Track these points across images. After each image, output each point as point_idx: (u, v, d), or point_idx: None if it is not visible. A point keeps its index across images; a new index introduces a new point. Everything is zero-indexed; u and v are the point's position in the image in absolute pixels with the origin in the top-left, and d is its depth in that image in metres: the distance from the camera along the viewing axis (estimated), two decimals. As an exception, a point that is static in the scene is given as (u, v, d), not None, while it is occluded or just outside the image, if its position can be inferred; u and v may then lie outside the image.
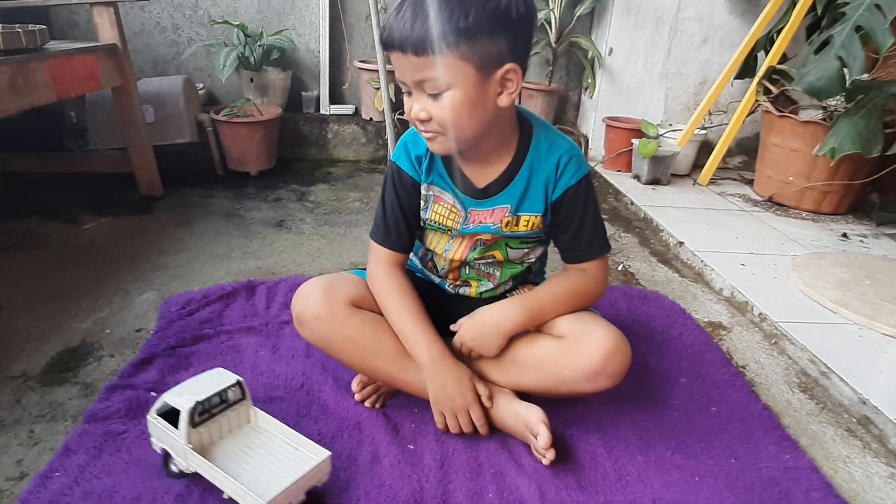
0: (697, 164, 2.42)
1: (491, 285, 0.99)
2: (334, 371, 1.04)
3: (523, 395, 0.92)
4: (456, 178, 0.92)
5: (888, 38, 1.64)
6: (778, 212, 2.05)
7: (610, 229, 1.89)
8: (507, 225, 0.92)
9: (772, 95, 2.11)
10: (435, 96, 0.79)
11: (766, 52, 2.18)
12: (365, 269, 0.98)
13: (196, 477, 0.78)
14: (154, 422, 0.77)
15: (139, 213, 1.77)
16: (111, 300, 1.26)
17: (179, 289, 1.31)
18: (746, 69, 2.29)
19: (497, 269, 0.98)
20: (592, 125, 2.56)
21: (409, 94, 0.82)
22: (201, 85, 2.39)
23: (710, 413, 1.01)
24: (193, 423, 0.75)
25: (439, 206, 0.93)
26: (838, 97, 1.85)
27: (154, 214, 1.77)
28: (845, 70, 1.71)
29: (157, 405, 0.78)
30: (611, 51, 2.43)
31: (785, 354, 1.24)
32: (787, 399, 1.09)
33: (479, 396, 0.90)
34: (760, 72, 2.16)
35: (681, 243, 1.72)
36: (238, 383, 0.80)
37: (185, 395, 0.76)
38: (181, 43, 2.38)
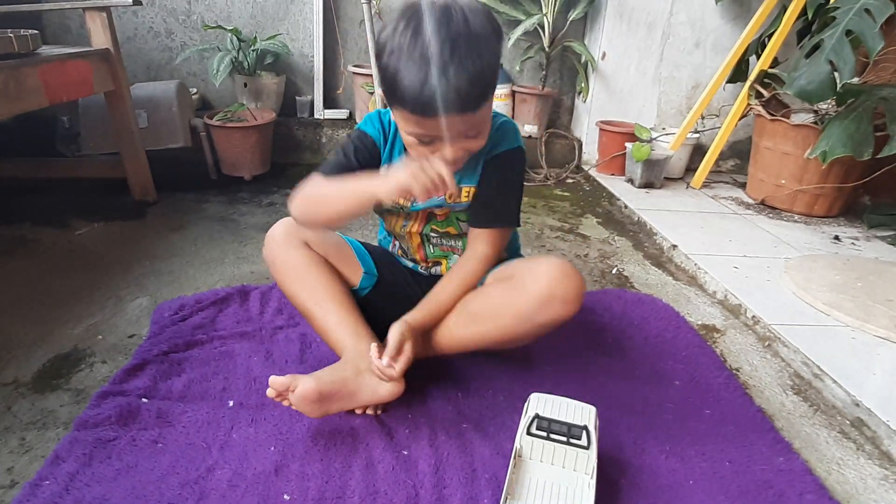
0: (690, 168, 2.43)
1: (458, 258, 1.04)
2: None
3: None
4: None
5: (878, 42, 1.65)
6: (770, 215, 2.06)
7: (604, 233, 1.89)
8: (450, 196, 0.97)
9: (763, 99, 2.12)
10: (471, 137, 0.85)
11: (758, 57, 2.20)
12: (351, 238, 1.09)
13: (194, 485, 0.77)
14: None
15: (132, 218, 1.76)
16: (104, 306, 1.25)
17: (172, 294, 1.30)
18: (738, 73, 2.31)
19: (458, 241, 1.05)
20: (586, 129, 2.57)
21: (429, 142, 0.84)
22: (195, 90, 2.38)
23: (704, 416, 1.01)
24: (528, 431, 0.82)
25: None
26: (829, 101, 1.87)
27: (147, 219, 1.76)
28: (836, 74, 1.73)
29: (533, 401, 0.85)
30: (604, 55, 2.45)
31: (778, 357, 1.24)
32: (781, 401, 1.09)
33: None
34: (752, 76, 2.18)
35: (674, 246, 1.72)
36: (586, 429, 0.81)
37: (545, 405, 0.84)
38: (174, 48, 2.38)
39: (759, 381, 1.16)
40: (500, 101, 2.51)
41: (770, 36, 2.18)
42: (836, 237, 1.87)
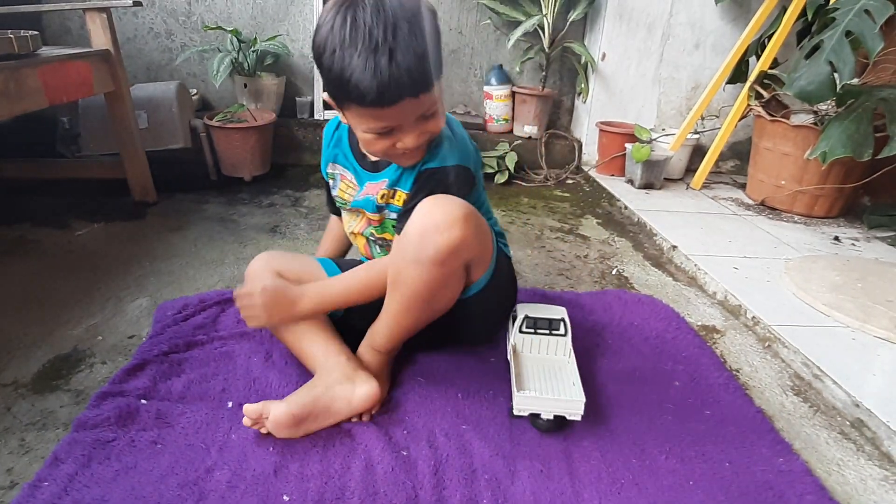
0: (690, 169, 2.44)
1: None
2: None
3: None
4: (357, 153, 1.01)
5: (878, 42, 1.65)
6: (770, 215, 2.06)
7: (603, 234, 1.89)
8: (382, 197, 0.98)
9: (763, 100, 2.13)
10: (430, 117, 0.85)
11: (758, 57, 2.20)
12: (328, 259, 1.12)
13: (193, 486, 0.77)
14: (510, 321, 1.10)
15: (132, 218, 1.76)
16: (104, 307, 1.25)
17: (173, 295, 1.30)
18: (738, 74, 2.31)
19: None
20: (586, 130, 2.57)
21: (388, 133, 0.84)
22: (195, 90, 2.38)
23: (704, 416, 1.01)
24: (521, 330, 1.05)
25: (343, 184, 1.04)
26: (829, 101, 1.87)
27: (147, 220, 1.76)
28: (836, 75, 1.73)
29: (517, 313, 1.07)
30: (604, 56, 2.45)
31: (778, 357, 1.24)
32: (781, 402, 1.09)
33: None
34: (752, 77, 2.18)
35: (674, 247, 1.72)
36: (563, 320, 1.05)
37: (529, 310, 1.06)
38: (174, 48, 2.38)
39: (759, 381, 1.15)
40: (500, 102, 2.51)
41: (770, 37, 2.18)
42: (836, 238, 1.87)
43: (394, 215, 0.99)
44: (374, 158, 0.99)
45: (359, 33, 0.75)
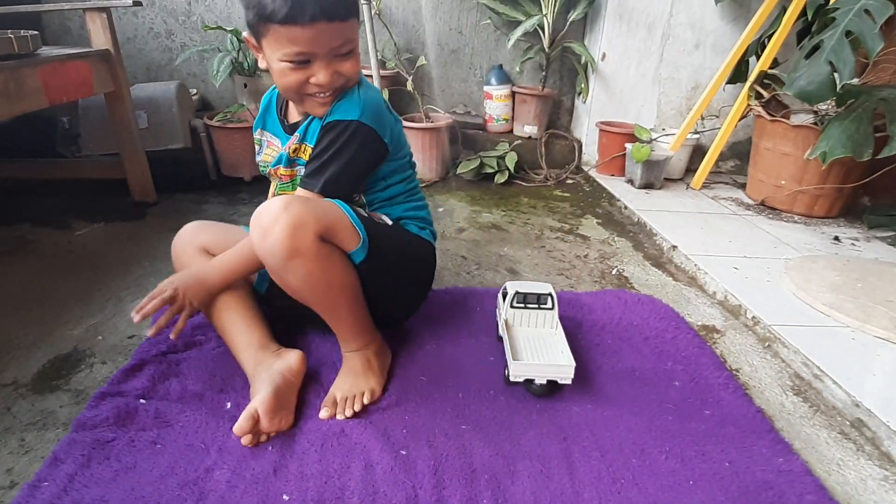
0: (690, 169, 2.43)
1: None
2: (324, 380, 1.03)
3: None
4: (281, 121, 1.07)
5: (878, 42, 1.65)
6: (770, 215, 2.06)
7: (603, 233, 1.89)
8: (294, 151, 1.02)
9: (763, 100, 2.12)
10: (345, 56, 0.90)
11: (758, 57, 2.20)
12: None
13: (193, 486, 0.77)
14: (499, 297, 1.20)
15: (132, 219, 1.76)
16: (104, 307, 1.25)
17: (172, 295, 1.30)
18: (738, 74, 2.31)
19: None
20: (586, 130, 2.57)
21: (304, 63, 0.88)
22: (195, 90, 2.38)
23: (704, 416, 1.01)
24: (512, 305, 1.13)
25: (269, 150, 1.08)
26: (829, 101, 1.86)
27: (147, 220, 1.76)
28: (836, 75, 1.72)
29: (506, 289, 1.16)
30: (604, 56, 2.45)
31: (778, 357, 1.24)
32: (781, 402, 1.09)
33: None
34: (752, 77, 2.18)
35: (674, 247, 1.72)
36: (550, 294, 1.13)
37: (519, 287, 1.14)
38: (174, 48, 2.38)
39: (759, 381, 1.15)
40: (500, 102, 2.51)
41: (770, 37, 2.18)
42: (836, 238, 1.86)
43: (303, 170, 1.02)
44: (291, 121, 1.05)
45: None
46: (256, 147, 1.12)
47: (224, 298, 1.03)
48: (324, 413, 0.93)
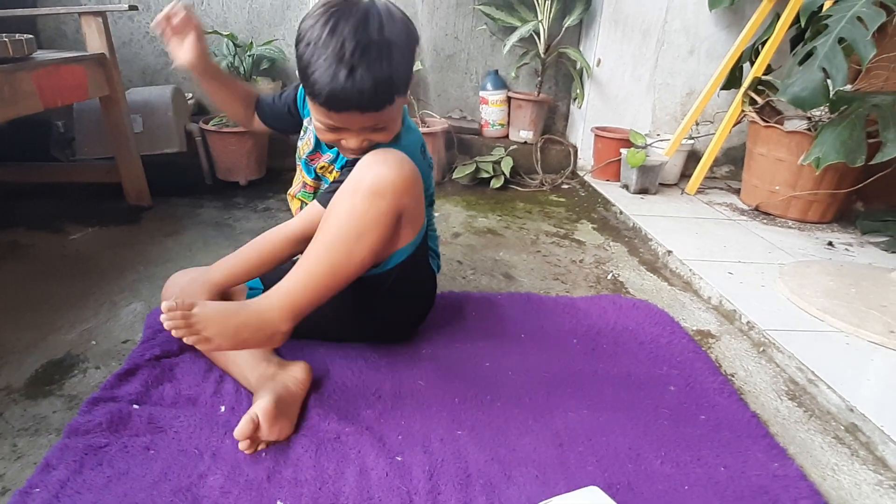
0: (685, 174, 2.44)
1: None
2: (324, 389, 1.03)
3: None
4: None
5: (870, 49, 1.66)
6: (764, 221, 2.07)
7: (599, 238, 1.90)
8: (321, 168, 1.06)
9: (757, 106, 2.14)
10: (378, 130, 0.91)
11: (752, 64, 2.22)
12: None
13: (186, 492, 0.77)
14: None
15: (127, 223, 1.75)
16: (97, 311, 1.25)
17: (166, 299, 1.30)
18: (732, 80, 2.33)
19: None
20: (581, 135, 2.58)
21: (334, 129, 0.91)
22: (191, 94, 2.38)
23: (699, 421, 1.01)
24: None
25: (307, 140, 1.11)
26: (822, 108, 1.88)
27: (142, 224, 1.75)
28: (829, 81, 1.74)
29: None
30: (599, 62, 2.46)
31: (773, 362, 1.24)
32: (776, 407, 1.10)
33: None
34: (746, 83, 2.19)
35: (669, 252, 1.73)
36: None
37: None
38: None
39: (754, 386, 1.16)
40: (495, 107, 2.52)
41: (763, 43, 2.19)
42: (830, 243, 1.87)
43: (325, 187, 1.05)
44: None
45: (333, 40, 0.82)
46: (301, 132, 1.14)
47: None
48: None
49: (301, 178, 1.14)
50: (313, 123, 0.94)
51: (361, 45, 0.82)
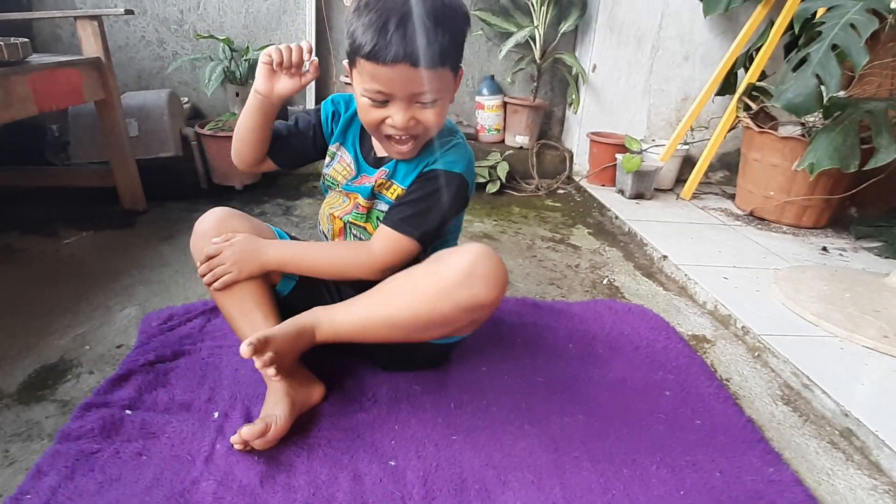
0: (680, 179, 2.45)
1: None
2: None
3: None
4: (364, 145, 1.01)
5: (863, 56, 1.68)
6: (759, 226, 2.08)
7: (594, 243, 1.90)
8: (379, 185, 0.98)
9: (752, 112, 2.15)
10: (426, 105, 0.85)
11: (746, 70, 2.23)
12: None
13: (179, 498, 0.76)
14: None
15: (121, 227, 1.75)
16: (91, 316, 1.24)
17: (161, 304, 1.29)
18: (727, 86, 2.34)
19: None
20: (577, 140, 2.58)
21: (383, 103, 0.85)
22: (186, 99, 2.38)
23: (695, 426, 1.01)
24: None
25: (340, 166, 1.03)
26: (816, 114, 1.89)
27: (136, 229, 1.75)
28: (822, 87, 1.75)
29: None
30: (594, 67, 2.47)
31: (768, 367, 1.25)
32: (771, 411, 1.10)
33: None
34: (740, 89, 2.20)
35: (665, 257, 1.73)
36: None
37: None
38: (166, 57, 2.37)
39: (749, 391, 1.16)
40: (491, 112, 2.52)
41: (758, 50, 2.21)
42: (824, 248, 1.88)
43: (382, 206, 0.99)
44: (378, 154, 0.99)
45: (385, 2, 0.80)
46: (327, 158, 1.05)
47: (248, 287, 0.97)
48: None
49: (347, 202, 1.02)
50: (359, 103, 0.89)
51: (414, 2, 0.79)
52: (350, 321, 0.91)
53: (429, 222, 0.94)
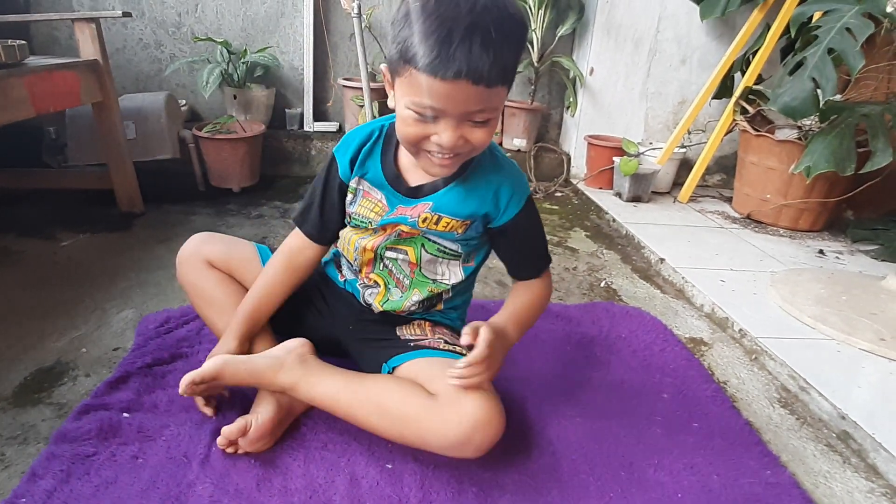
0: (677, 182, 2.46)
1: (398, 296, 0.96)
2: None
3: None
4: (388, 175, 0.90)
5: (859, 60, 1.69)
6: (756, 229, 2.09)
7: (592, 246, 1.90)
8: (424, 221, 0.89)
9: (748, 115, 2.16)
10: (478, 124, 0.77)
11: (743, 73, 2.24)
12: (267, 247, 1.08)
13: (175, 501, 0.76)
14: None
15: (118, 229, 1.74)
16: (88, 318, 1.24)
17: (158, 307, 1.29)
18: (724, 89, 2.35)
19: (407, 277, 0.96)
20: (574, 143, 2.59)
21: (432, 118, 0.76)
22: (184, 101, 2.38)
23: (692, 429, 1.01)
24: None
25: (367, 201, 0.93)
26: (812, 117, 1.90)
27: (134, 231, 1.74)
28: (819, 91, 1.76)
29: None
30: (592, 70, 2.47)
31: (765, 370, 1.25)
32: (768, 414, 1.10)
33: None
34: (737, 92, 2.21)
35: (662, 260, 1.73)
36: None
37: None
38: (164, 59, 2.37)
39: (747, 394, 1.16)
40: (489, 115, 2.52)
41: (754, 53, 2.22)
42: (821, 251, 1.89)
43: (433, 237, 0.92)
44: (411, 183, 0.90)
45: (448, 2, 0.70)
46: (349, 196, 0.95)
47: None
48: None
49: (378, 234, 0.94)
50: (400, 115, 0.79)
51: (480, 7, 0.70)
52: (329, 405, 0.88)
53: (545, 242, 0.98)
